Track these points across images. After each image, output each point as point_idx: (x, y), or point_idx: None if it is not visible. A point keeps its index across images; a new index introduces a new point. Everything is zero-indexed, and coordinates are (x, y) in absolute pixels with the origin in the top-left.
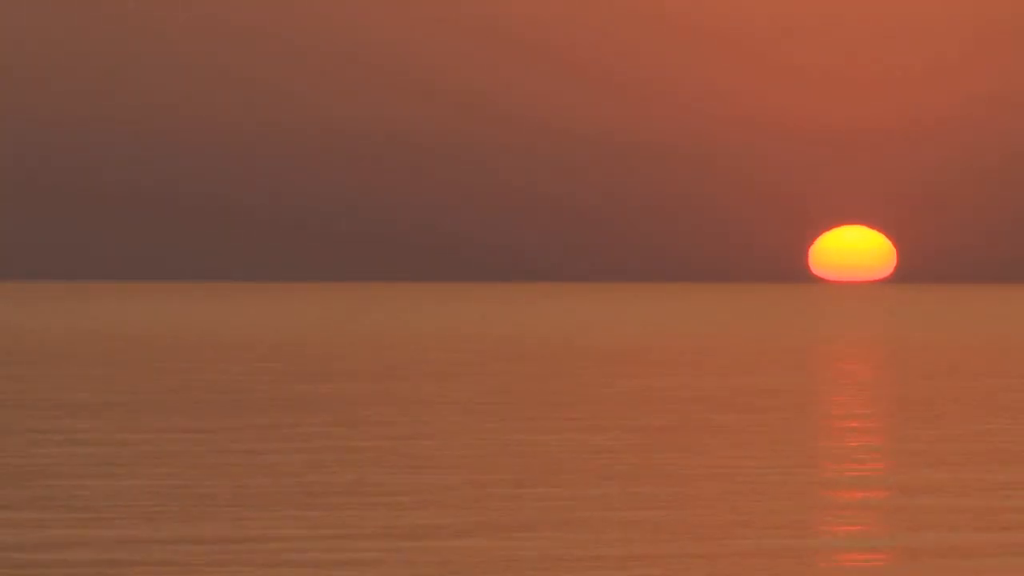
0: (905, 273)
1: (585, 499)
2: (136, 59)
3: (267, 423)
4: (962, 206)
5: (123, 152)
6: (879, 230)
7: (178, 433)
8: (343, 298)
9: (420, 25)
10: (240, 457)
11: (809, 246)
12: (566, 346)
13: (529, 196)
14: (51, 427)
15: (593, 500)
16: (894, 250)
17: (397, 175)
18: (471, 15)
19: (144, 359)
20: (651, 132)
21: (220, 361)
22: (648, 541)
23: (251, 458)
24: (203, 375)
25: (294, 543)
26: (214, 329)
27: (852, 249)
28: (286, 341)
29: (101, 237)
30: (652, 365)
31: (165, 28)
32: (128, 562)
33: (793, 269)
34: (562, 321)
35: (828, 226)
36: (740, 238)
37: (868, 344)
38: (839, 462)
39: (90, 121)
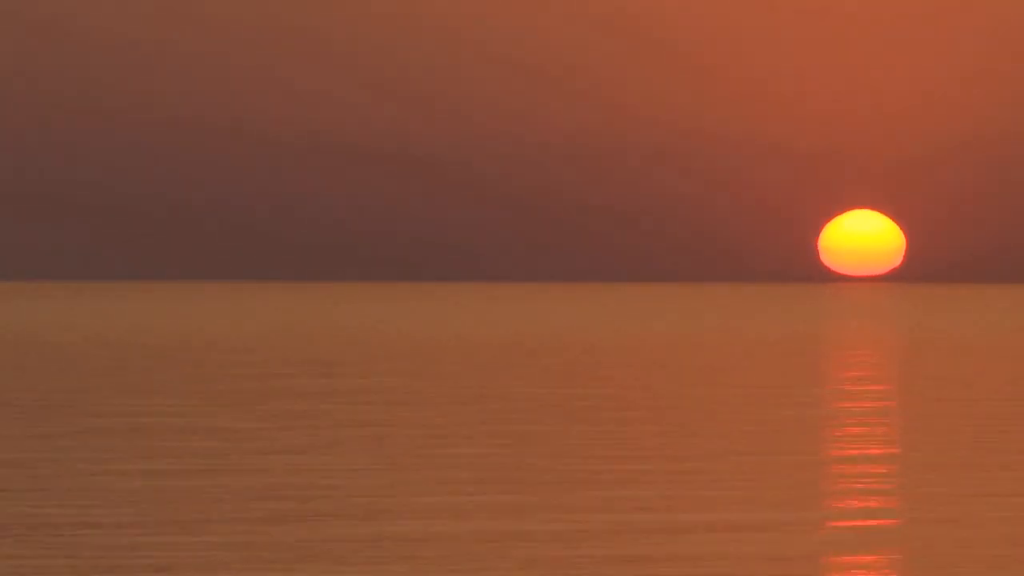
0: (915, 261)
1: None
2: (142, 58)
3: None
4: (969, 192)
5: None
6: (885, 214)
7: None
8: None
9: (413, 34)
10: None
11: (817, 236)
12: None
13: (534, 197)
14: None
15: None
16: (903, 236)
17: (394, 179)
18: (466, 27)
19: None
20: (647, 133)
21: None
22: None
23: None
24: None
25: None
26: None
27: (861, 238)
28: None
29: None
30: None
31: (165, 25)
32: None
33: (801, 263)
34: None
35: (835, 213)
36: (743, 234)
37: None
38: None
39: (95, 121)
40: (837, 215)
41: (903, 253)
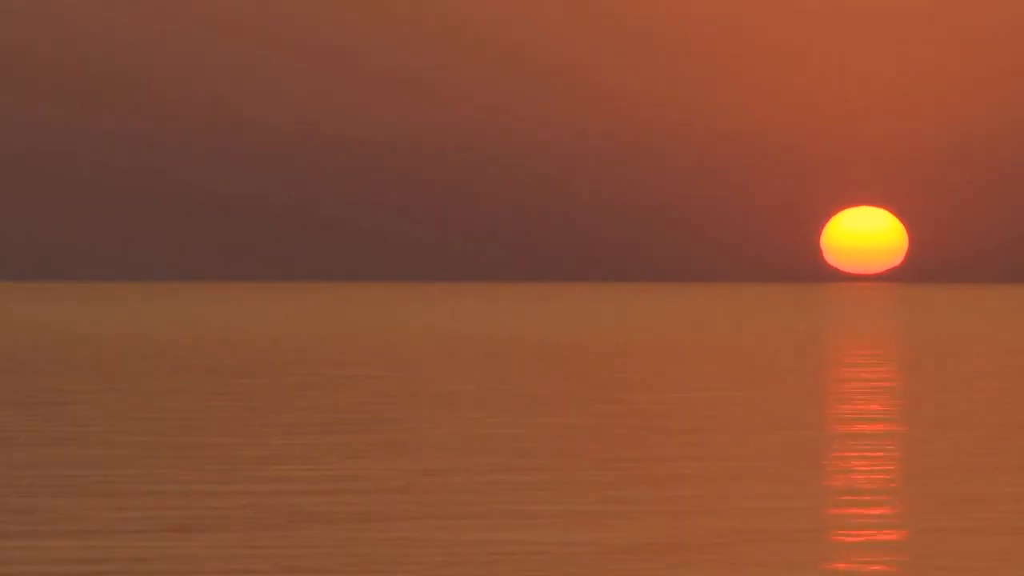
0: (917, 258)
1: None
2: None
3: None
4: (971, 188)
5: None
6: (887, 210)
7: None
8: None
9: (410, 28)
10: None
11: (819, 233)
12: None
13: (533, 197)
14: None
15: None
16: (905, 232)
17: (398, 177)
18: (467, 22)
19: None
20: (648, 132)
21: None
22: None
23: None
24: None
25: None
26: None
27: (864, 235)
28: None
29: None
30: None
31: (168, 21)
32: None
33: (804, 260)
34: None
35: (835, 210)
36: (744, 231)
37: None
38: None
39: (91, 117)
40: (838, 212)
41: (905, 249)
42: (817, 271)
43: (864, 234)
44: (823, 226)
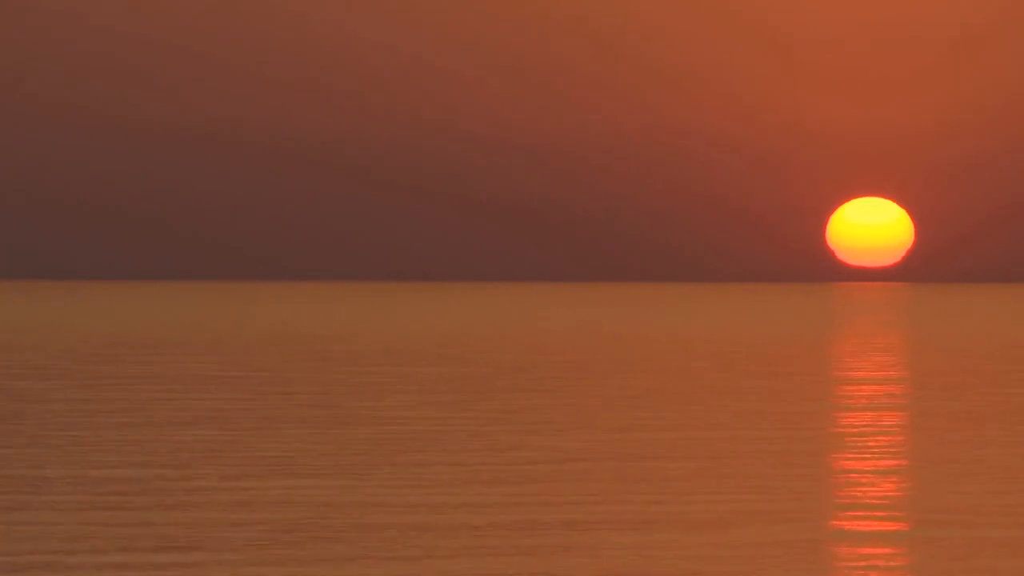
0: (923, 251)
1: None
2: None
3: None
4: (974, 177)
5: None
6: (892, 200)
7: None
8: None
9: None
10: None
11: (824, 227)
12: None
13: (537, 199)
14: None
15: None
16: (910, 221)
17: (400, 174)
18: (460, 26)
19: None
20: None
21: None
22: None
23: None
24: None
25: None
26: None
27: (870, 227)
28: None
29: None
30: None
31: (165, 26)
32: None
33: (809, 257)
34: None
35: (839, 202)
36: (746, 228)
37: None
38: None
39: (93, 123)
40: (842, 204)
41: (912, 242)
42: (823, 266)
43: (870, 227)
44: (827, 220)
